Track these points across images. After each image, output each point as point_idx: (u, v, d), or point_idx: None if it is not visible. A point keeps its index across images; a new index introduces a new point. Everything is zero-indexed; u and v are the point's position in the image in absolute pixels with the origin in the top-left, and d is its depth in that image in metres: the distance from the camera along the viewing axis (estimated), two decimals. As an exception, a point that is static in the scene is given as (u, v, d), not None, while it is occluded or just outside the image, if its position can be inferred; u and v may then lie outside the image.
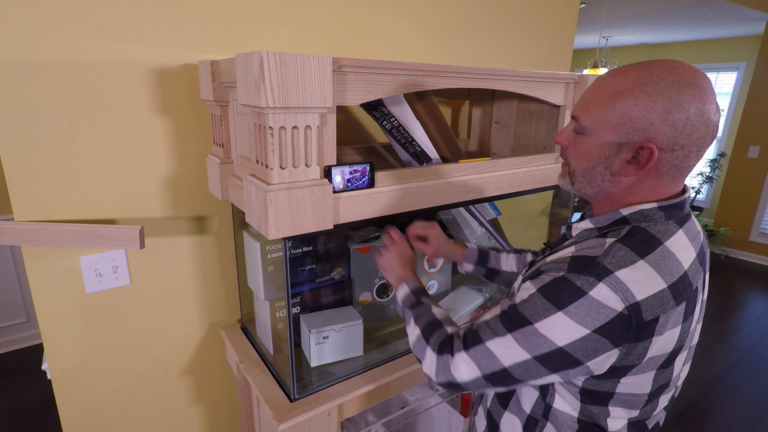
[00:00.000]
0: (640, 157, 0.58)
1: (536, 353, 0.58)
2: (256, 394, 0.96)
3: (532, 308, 0.58)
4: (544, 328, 0.57)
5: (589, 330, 0.55)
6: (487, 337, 0.62)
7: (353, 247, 1.10)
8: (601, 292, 0.54)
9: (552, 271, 0.59)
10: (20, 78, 0.84)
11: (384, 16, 1.25)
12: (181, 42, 0.98)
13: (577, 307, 0.55)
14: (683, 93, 0.54)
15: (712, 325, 3.08)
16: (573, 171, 0.66)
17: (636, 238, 0.58)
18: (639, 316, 0.55)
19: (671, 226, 0.60)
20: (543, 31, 1.65)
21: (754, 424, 2.14)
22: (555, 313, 0.56)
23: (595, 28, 4.44)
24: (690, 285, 0.59)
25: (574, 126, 0.64)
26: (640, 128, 0.56)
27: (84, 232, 0.89)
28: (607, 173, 0.61)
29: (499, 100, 1.36)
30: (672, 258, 0.58)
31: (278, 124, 0.70)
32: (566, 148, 0.66)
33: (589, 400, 0.64)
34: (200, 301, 1.17)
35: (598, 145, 0.60)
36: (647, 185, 0.61)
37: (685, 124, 0.55)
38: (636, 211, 0.61)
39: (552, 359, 0.58)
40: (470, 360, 0.63)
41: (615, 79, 0.58)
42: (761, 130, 4.02)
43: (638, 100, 0.56)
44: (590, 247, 0.59)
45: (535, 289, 0.59)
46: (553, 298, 0.57)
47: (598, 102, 0.59)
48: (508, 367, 0.60)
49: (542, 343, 0.57)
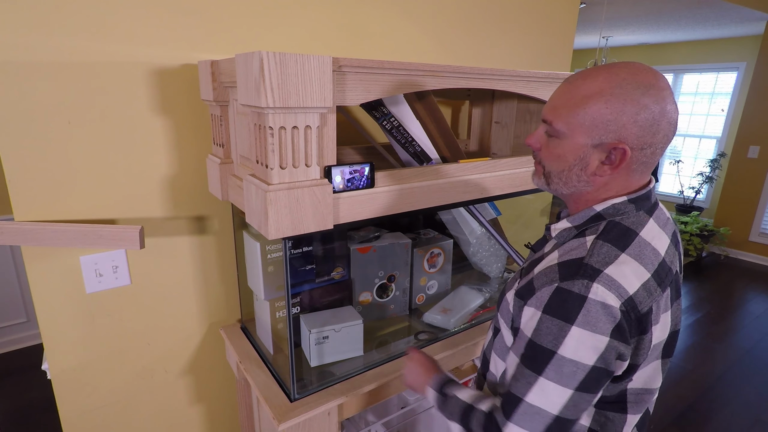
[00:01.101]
0: (614, 157, 0.60)
1: (576, 384, 0.57)
2: (256, 394, 0.96)
3: (547, 334, 0.58)
4: (568, 350, 0.56)
5: (607, 336, 0.56)
6: (523, 393, 0.60)
7: (353, 247, 1.10)
8: (598, 292, 0.56)
9: (545, 285, 0.60)
10: (20, 78, 0.84)
11: (384, 16, 1.25)
12: (181, 42, 0.98)
13: (585, 315, 0.56)
14: (648, 95, 0.57)
15: (712, 325, 3.07)
16: (548, 172, 0.67)
17: (613, 233, 0.61)
18: (635, 309, 0.57)
19: (642, 216, 0.63)
20: (543, 31, 1.65)
21: (754, 424, 2.14)
22: (570, 330, 0.56)
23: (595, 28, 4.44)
24: (670, 270, 0.63)
25: (545, 129, 0.65)
26: (612, 130, 0.58)
27: (84, 232, 0.89)
28: (583, 174, 0.63)
29: (499, 100, 1.36)
30: (649, 247, 0.61)
31: (278, 124, 0.70)
32: (538, 150, 0.68)
33: (603, 405, 0.65)
34: (200, 301, 1.17)
35: (572, 147, 0.62)
36: (619, 182, 0.64)
37: (652, 124, 0.58)
38: (609, 206, 0.64)
39: (592, 382, 0.58)
40: (518, 427, 0.60)
41: (584, 83, 0.60)
42: (761, 130, 4.02)
43: (609, 103, 0.58)
44: (573, 249, 0.61)
45: (540, 312, 0.59)
46: (559, 314, 0.57)
47: (570, 105, 0.61)
48: (559, 414, 0.58)
49: (576, 370, 0.57)
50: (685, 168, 5.45)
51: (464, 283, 1.39)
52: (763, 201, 4.13)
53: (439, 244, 1.27)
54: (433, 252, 1.26)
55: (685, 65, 5.31)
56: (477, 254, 1.40)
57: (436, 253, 1.27)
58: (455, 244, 1.37)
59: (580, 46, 5.74)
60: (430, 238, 1.28)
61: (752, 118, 4.06)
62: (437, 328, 1.19)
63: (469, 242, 1.36)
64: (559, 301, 0.58)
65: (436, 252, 1.27)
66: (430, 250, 1.25)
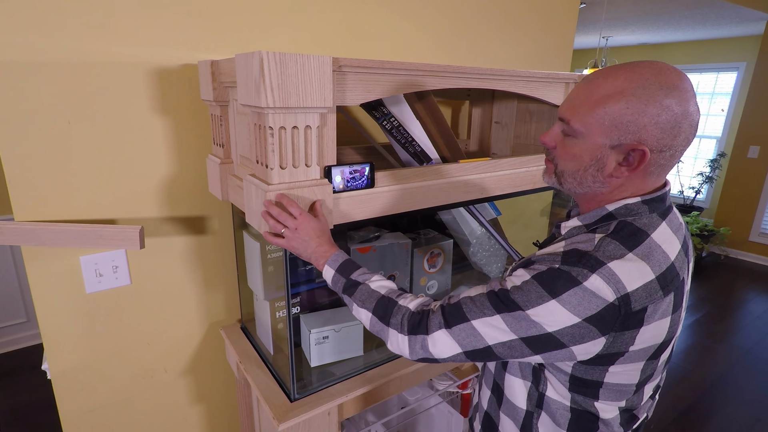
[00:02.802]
0: (632, 158, 0.59)
1: (524, 335, 0.59)
2: (256, 394, 0.96)
3: (525, 295, 0.58)
4: (536, 315, 0.57)
5: (580, 318, 0.56)
6: (473, 316, 0.61)
7: (353, 247, 1.10)
8: (595, 284, 0.55)
9: (545, 262, 0.60)
10: (20, 78, 0.84)
11: (384, 16, 1.25)
12: (181, 42, 0.98)
13: (571, 295, 0.56)
14: (671, 96, 0.56)
15: (712, 325, 3.07)
16: (561, 171, 0.66)
17: (623, 232, 0.60)
18: (628, 306, 0.56)
19: (655, 219, 0.62)
20: (543, 31, 1.65)
21: (754, 424, 2.14)
22: (548, 301, 0.56)
23: (595, 28, 4.44)
24: (677, 276, 0.61)
25: (562, 128, 0.64)
26: (632, 131, 0.57)
27: (84, 232, 0.89)
28: (599, 175, 0.62)
29: (499, 100, 1.36)
30: (659, 250, 0.59)
31: (278, 124, 0.70)
32: (554, 149, 0.66)
33: (577, 389, 0.65)
34: (200, 301, 1.17)
35: (589, 147, 0.61)
36: (635, 184, 0.62)
37: (673, 126, 0.56)
38: (621, 206, 0.62)
39: (538, 342, 0.58)
40: (451, 337, 0.63)
41: (604, 82, 0.59)
42: (761, 130, 4.02)
43: (629, 104, 0.56)
44: (581, 242, 0.60)
45: (530, 276, 0.59)
46: (547, 286, 0.57)
47: (589, 105, 0.59)
48: (492, 346, 0.61)
49: (531, 328, 0.58)
50: (685, 168, 5.45)
51: (464, 283, 1.39)
52: (763, 201, 4.13)
53: (439, 244, 1.27)
54: (433, 252, 1.26)
55: (685, 65, 5.31)
56: (477, 254, 1.40)
57: (436, 253, 1.27)
58: (455, 244, 1.37)
59: (580, 46, 5.74)
60: (430, 238, 1.28)
61: (752, 118, 4.06)
62: (437, 328, 1.19)
63: (469, 242, 1.36)
64: (551, 277, 0.57)
65: (436, 252, 1.27)
66: (430, 250, 1.25)
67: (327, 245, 0.76)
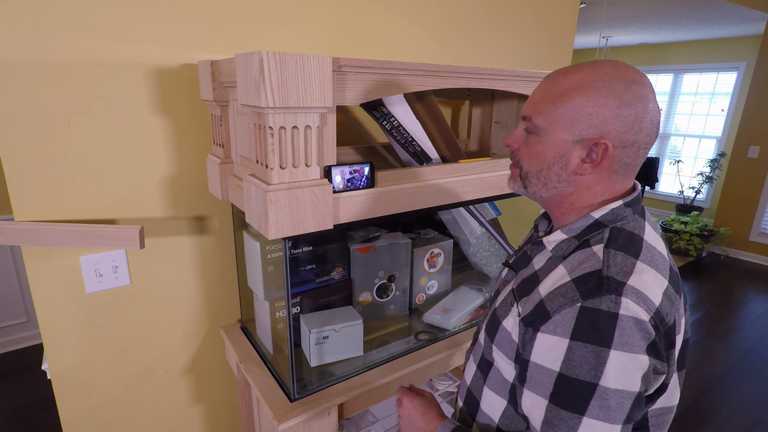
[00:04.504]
0: (595, 153, 0.57)
1: (623, 417, 0.51)
2: (256, 394, 0.96)
3: (583, 364, 0.51)
4: (610, 380, 0.50)
5: (646, 354, 0.51)
6: None
7: (353, 247, 1.10)
8: (629, 308, 0.51)
9: (564, 307, 0.53)
10: (20, 78, 0.84)
11: (384, 16, 1.25)
12: (181, 42, 0.98)
13: (621, 335, 0.50)
14: (631, 90, 0.55)
15: (712, 325, 3.07)
16: (526, 173, 0.63)
17: (620, 240, 0.58)
18: (663, 322, 0.53)
19: (639, 220, 0.61)
20: (543, 31, 1.65)
21: (754, 424, 2.14)
22: (608, 355, 0.50)
23: (595, 28, 4.44)
24: (677, 273, 0.60)
25: (525, 126, 0.63)
26: (594, 124, 0.56)
27: (84, 232, 0.89)
28: (563, 173, 0.60)
29: (499, 100, 1.36)
30: (656, 251, 0.58)
31: (278, 124, 0.70)
32: (518, 150, 0.65)
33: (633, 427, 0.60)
34: (200, 301, 1.17)
35: (552, 143, 0.59)
36: (602, 185, 0.60)
37: (634, 121, 0.56)
38: (608, 211, 0.60)
39: (636, 410, 0.52)
40: None
41: (564, 77, 0.58)
42: (761, 130, 4.02)
43: (590, 97, 0.56)
44: (583, 262, 0.57)
45: (568, 339, 0.52)
46: (592, 338, 0.51)
47: (550, 100, 0.58)
48: None
49: (623, 401, 0.50)
50: (685, 168, 5.45)
51: (464, 283, 1.39)
52: (763, 201, 4.13)
53: (439, 244, 1.27)
54: (433, 252, 1.26)
55: (685, 65, 5.31)
56: (477, 254, 1.40)
57: (436, 253, 1.27)
58: (455, 244, 1.37)
59: (580, 46, 5.74)
60: (430, 238, 1.28)
61: (752, 118, 4.06)
62: (437, 328, 1.19)
63: (469, 242, 1.36)
64: (588, 323, 0.51)
65: (436, 252, 1.27)
66: (430, 250, 1.25)
67: (435, 422, 0.72)
